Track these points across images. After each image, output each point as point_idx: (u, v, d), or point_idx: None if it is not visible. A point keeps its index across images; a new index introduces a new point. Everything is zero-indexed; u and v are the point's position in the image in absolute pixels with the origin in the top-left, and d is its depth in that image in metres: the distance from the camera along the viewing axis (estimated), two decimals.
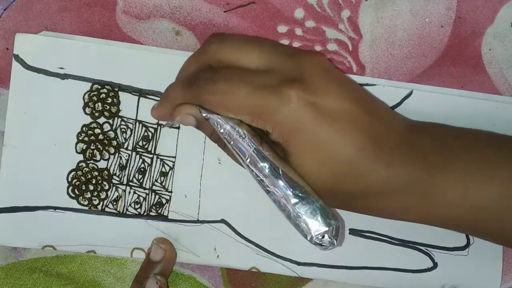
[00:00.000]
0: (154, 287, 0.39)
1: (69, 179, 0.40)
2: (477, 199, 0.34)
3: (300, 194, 0.33)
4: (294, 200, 0.33)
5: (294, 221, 0.33)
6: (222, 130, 0.34)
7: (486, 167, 0.34)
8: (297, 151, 0.33)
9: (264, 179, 0.33)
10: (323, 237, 0.33)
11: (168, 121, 0.38)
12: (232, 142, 0.34)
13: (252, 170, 0.34)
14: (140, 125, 0.41)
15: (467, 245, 0.42)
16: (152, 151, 0.41)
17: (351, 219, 0.41)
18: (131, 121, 0.41)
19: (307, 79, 0.33)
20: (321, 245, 0.33)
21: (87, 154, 0.41)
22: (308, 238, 0.33)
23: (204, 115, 0.34)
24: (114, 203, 0.41)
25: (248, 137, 0.34)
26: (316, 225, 0.33)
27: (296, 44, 0.41)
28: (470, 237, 0.42)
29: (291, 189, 0.33)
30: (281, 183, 0.33)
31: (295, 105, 0.32)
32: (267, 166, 0.33)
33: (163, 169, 0.41)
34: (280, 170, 0.33)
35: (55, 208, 0.40)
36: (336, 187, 0.34)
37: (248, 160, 0.34)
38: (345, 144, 0.33)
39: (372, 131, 0.34)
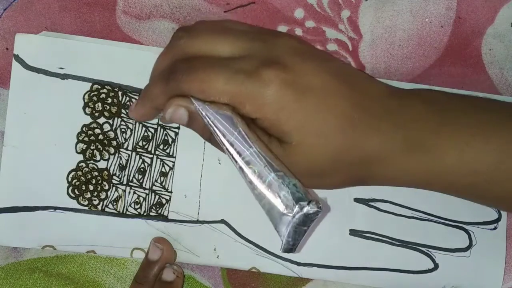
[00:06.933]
0: (171, 276, 0.39)
1: (69, 179, 0.40)
2: (474, 163, 0.34)
3: (278, 173, 0.32)
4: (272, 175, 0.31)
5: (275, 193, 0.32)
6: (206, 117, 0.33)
7: (482, 132, 0.34)
8: (287, 130, 0.33)
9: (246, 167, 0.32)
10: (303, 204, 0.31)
11: (148, 121, 0.37)
12: (217, 130, 0.33)
13: (234, 158, 0.32)
14: (140, 125, 0.41)
15: (469, 246, 0.42)
16: (152, 151, 0.41)
17: (351, 219, 0.41)
18: (131, 121, 0.41)
19: (283, 60, 0.33)
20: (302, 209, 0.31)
21: (87, 154, 0.41)
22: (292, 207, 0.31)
23: (196, 105, 0.33)
24: (114, 203, 0.41)
25: (240, 127, 0.33)
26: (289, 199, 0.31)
27: None
28: (472, 238, 0.42)
29: (271, 170, 0.32)
30: (262, 163, 0.32)
31: (276, 85, 0.32)
32: (252, 149, 0.32)
33: (163, 169, 0.41)
34: (263, 154, 0.32)
35: (55, 208, 0.40)
36: (337, 159, 0.34)
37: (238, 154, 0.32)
38: (332, 114, 0.33)
39: (355, 100, 0.33)
